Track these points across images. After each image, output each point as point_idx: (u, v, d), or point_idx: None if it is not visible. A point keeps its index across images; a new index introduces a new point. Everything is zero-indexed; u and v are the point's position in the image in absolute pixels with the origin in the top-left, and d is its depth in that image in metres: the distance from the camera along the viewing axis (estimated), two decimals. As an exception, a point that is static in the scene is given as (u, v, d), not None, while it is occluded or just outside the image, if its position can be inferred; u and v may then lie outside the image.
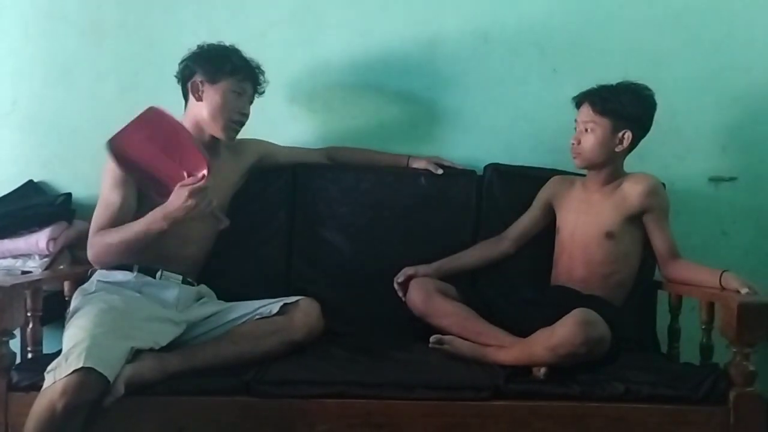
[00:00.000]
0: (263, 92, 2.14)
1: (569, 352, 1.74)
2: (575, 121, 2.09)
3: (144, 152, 1.82)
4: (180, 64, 2.07)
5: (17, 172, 2.35)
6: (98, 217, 1.91)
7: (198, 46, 2.06)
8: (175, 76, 2.09)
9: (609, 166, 2.07)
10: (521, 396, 1.75)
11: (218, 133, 2.02)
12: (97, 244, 1.88)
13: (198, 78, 2.02)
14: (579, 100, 2.08)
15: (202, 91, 2.01)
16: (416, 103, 2.41)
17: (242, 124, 2.06)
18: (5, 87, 2.39)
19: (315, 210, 2.27)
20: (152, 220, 1.82)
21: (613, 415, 1.74)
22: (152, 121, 1.82)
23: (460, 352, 1.90)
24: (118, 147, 1.81)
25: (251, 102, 2.11)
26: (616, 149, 2.04)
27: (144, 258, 1.93)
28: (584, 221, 2.08)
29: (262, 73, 2.11)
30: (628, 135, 2.02)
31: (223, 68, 2.00)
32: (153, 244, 1.88)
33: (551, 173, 2.24)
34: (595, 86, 2.06)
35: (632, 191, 2.04)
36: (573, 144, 2.07)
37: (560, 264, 2.12)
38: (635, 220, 2.05)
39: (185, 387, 1.72)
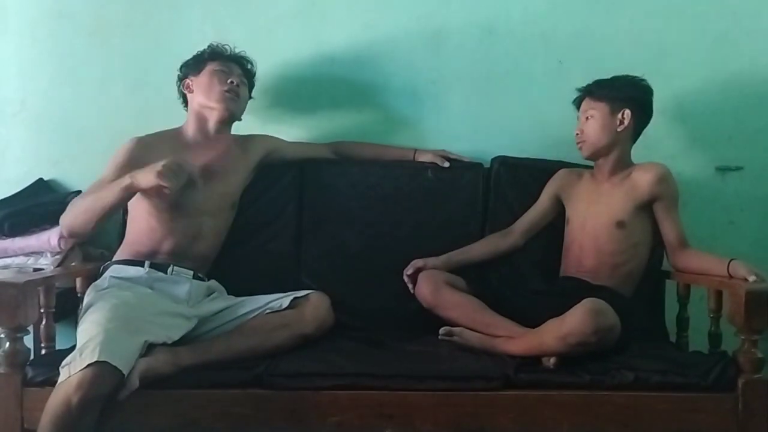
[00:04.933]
0: (255, 73, 2.21)
1: (579, 341, 1.75)
2: (578, 119, 2.13)
3: None
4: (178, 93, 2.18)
5: (27, 171, 2.37)
6: (86, 189, 1.98)
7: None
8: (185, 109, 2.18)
9: (615, 151, 2.09)
10: (531, 386, 1.76)
11: (216, 107, 2.08)
12: (68, 207, 1.94)
13: (187, 79, 2.13)
14: (578, 98, 2.16)
15: (192, 84, 2.12)
16: (422, 97, 2.41)
17: (237, 94, 2.11)
18: (14, 87, 2.40)
19: (323, 204, 2.29)
20: (122, 179, 1.85)
21: (623, 403, 1.75)
22: None
23: (469, 343, 1.91)
24: None
25: (250, 87, 2.20)
26: (618, 129, 2.07)
27: (155, 254, 1.96)
28: (595, 211, 2.09)
29: (245, 57, 2.18)
30: (627, 113, 2.06)
31: (202, 57, 2.14)
32: (162, 239, 1.96)
33: (558, 165, 2.25)
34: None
35: (642, 179, 2.05)
36: (577, 134, 2.11)
37: (570, 254, 2.12)
38: (645, 208, 2.06)
39: (198, 380, 1.74)
